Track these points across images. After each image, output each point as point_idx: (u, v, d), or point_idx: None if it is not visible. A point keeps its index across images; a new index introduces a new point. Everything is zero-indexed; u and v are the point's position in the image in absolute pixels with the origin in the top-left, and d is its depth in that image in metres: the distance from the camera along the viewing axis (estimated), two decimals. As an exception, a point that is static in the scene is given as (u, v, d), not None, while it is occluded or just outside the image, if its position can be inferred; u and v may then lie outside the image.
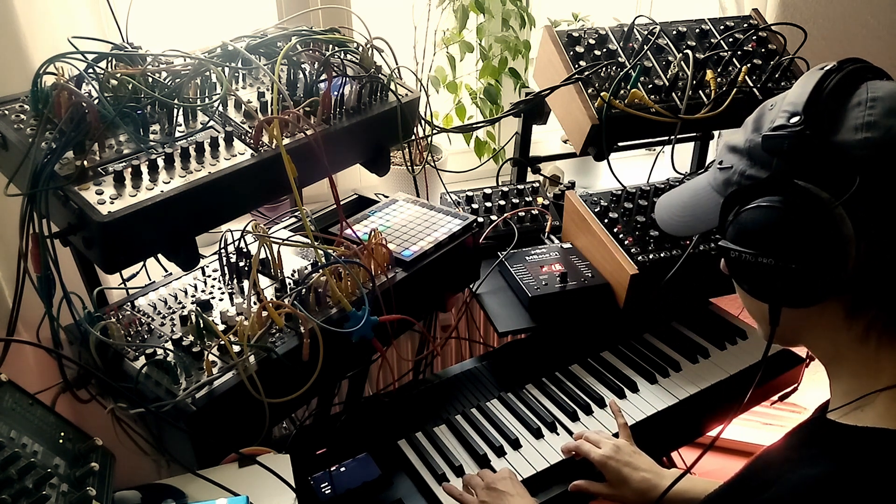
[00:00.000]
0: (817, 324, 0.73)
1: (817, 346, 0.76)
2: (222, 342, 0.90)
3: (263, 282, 1.05)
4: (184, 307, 1.02)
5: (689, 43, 1.49)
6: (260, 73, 1.11)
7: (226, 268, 1.09)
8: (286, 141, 0.99)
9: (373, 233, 1.07)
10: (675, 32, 1.50)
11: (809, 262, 0.65)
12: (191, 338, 0.93)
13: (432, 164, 1.53)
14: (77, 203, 0.81)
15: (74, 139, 0.85)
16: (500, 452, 1.11)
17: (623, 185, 1.44)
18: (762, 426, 2.29)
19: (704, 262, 1.30)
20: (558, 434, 1.15)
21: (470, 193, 1.57)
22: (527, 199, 1.59)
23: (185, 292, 1.06)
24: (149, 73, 0.93)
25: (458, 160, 1.96)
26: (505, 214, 1.53)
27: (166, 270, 1.17)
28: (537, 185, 1.62)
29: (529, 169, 1.69)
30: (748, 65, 1.43)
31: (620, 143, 1.47)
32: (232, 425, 0.90)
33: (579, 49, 1.42)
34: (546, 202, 1.59)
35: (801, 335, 0.76)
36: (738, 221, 0.71)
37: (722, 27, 1.54)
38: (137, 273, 1.20)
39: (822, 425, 0.72)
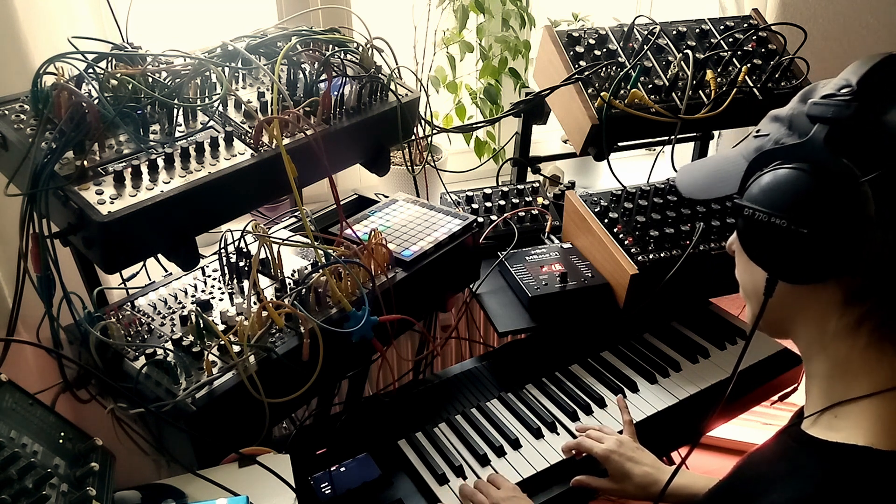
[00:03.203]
0: (810, 307, 0.71)
1: (803, 334, 0.75)
2: (222, 342, 0.90)
3: (263, 282, 1.05)
4: (184, 307, 1.02)
5: (689, 43, 1.49)
6: (260, 73, 1.11)
7: (226, 268, 1.09)
8: (286, 141, 0.99)
9: (373, 233, 1.07)
10: (675, 32, 1.50)
11: (823, 233, 0.63)
12: (191, 338, 0.93)
13: (432, 164, 1.53)
14: (77, 203, 0.81)
15: (74, 139, 0.85)
16: (500, 452, 1.11)
17: (623, 185, 1.44)
18: (762, 426, 2.29)
19: (704, 262, 1.30)
20: (558, 434, 1.15)
21: (470, 193, 1.57)
22: (527, 199, 1.59)
23: (185, 292, 1.06)
24: (149, 73, 0.93)
25: (458, 160, 1.96)
26: (505, 214, 1.53)
27: (166, 270, 1.17)
28: (537, 185, 1.62)
29: (529, 169, 1.69)
30: (748, 65, 1.43)
31: (620, 143, 1.47)
32: (232, 425, 0.90)
33: (579, 49, 1.42)
34: (546, 202, 1.59)
35: (790, 318, 0.75)
36: (760, 180, 0.69)
37: (722, 27, 1.54)
38: (137, 273, 1.20)
39: (798, 437, 0.71)
